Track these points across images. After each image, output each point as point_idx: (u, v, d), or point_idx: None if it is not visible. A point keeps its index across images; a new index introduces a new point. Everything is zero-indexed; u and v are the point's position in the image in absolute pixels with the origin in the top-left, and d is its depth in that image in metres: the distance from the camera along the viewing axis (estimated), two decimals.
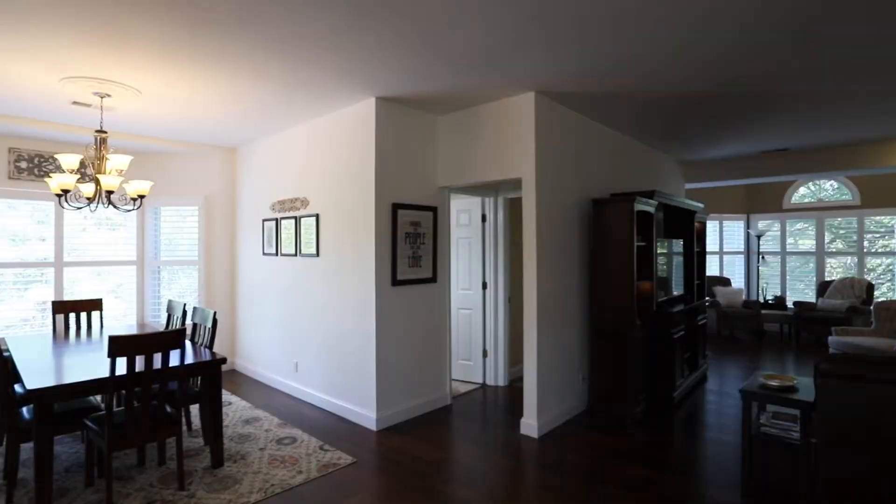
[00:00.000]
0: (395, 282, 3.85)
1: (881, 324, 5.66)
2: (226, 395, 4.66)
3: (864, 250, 8.14)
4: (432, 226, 4.17)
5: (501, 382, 5.05)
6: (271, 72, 3.22)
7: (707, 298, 5.67)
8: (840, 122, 4.89)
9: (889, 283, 7.92)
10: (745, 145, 5.97)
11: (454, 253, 5.14)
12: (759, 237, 8.68)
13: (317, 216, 4.28)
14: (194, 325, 3.82)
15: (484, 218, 5.08)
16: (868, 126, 5.05)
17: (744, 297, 8.17)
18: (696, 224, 5.76)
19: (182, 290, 5.61)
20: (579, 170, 4.36)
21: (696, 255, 5.71)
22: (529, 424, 3.70)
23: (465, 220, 5.18)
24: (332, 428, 3.85)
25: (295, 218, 4.55)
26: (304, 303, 4.48)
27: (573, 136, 4.27)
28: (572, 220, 4.24)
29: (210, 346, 3.44)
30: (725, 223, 8.94)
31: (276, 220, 4.85)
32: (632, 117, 4.52)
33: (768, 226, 8.86)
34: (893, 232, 7.88)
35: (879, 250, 8.05)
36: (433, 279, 4.20)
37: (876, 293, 7.75)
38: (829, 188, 8.38)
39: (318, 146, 4.31)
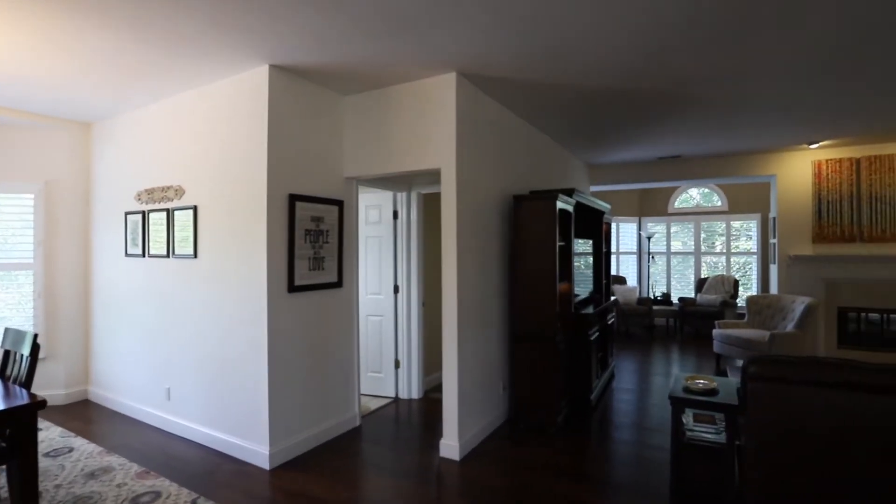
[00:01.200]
0: (293, 287, 3.23)
1: (752, 316, 6.16)
2: (68, 439, 3.60)
3: (731, 250, 9.04)
4: (338, 222, 3.62)
5: (416, 395, 4.62)
6: (129, 18, 2.46)
7: (614, 297, 5.77)
8: (725, 134, 5.20)
9: (748, 279, 8.85)
10: (645, 150, 6.19)
11: (363, 253, 4.61)
12: (649, 238, 9.26)
13: (194, 209, 3.49)
14: (5, 354, 2.83)
15: (396, 215, 4.62)
16: (745, 139, 5.45)
17: (637, 294, 8.63)
18: (604, 224, 5.83)
19: (7, 302, 4.38)
20: (500, 165, 4.08)
21: (604, 255, 5.78)
22: (450, 446, 3.31)
23: (374, 216, 4.67)
24: (213, 470, 3.12)
25: (167, 211, 3.70)
26: (178, 315, 3.65)
27: (495, 129, 3.98)
28: (493, 218, 3.95)
29: (27, 384, 2.53)
30: (621, 225, 9.40)
31: (144, 213, 3.93)
32: (551, 113, 4.36)
33: (656, 228, 9.49)
34: (751, 235, 8.83)
35: (741, 250, 8.99)
36: (338, 283, 3.64)
37: (740, 288, 8.64)
38: (701, 195, 9.18)
39: (196, 123, 3.53)
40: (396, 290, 4.60)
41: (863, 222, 5.87)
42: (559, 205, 3.93)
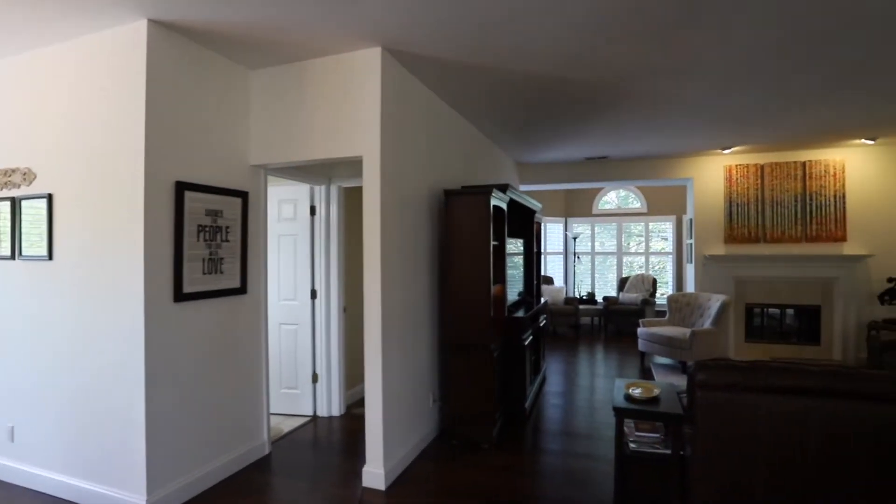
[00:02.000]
0: (181, 296, 2.64)
1: (672, 314, 6.34)
2: None
3: (650, 251, 9.42)
4: (241, 217, 3.07)
5: (336, 411, 4.13)
6: None
7: (545, 299, 5.65)
8: (650, 136, 5.26)
9: (664, 278, 9.27)
10: (573, 150, 6.15)
11: (274, 254, 4.05)
12: (574, 238, 9.39)
13: (49, 198, 2.77)
14: None
15: (313, 210, 4.10)
16: (667, 142, 5.55)
17: (564, 294, 8.69)
18: (535, 224, 5.69)
19: None
20: (429, 156, 3.73)
21: (535, 255, 5.64)
22: (374, 474, 2.89)
23: (288, 212, 4.13)
24: None
25: (11, 200, 2.93)
26: (26, 333, 2.88)
27: (424, 117, 3.62)
28: (421, 215, 3.59)
29: None
30: (548, 225, 9.44)
31: None
32: (482, 103, 4.08)
33: (581, 228, 9.65)
34: (667, 236, 9.26)
35: (659, 250, 9.39)
36: (242, 289, 3.09)
37: (659, 287, 9.01)
38: (619, 198, 9.49)
39: (51, 91, 2.80)
40: (314, 294, 4.09)
41: (766, 224, 6.22)
42: (493, 201, 3.65)
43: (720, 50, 3.03)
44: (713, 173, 6.47)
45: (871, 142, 5.68)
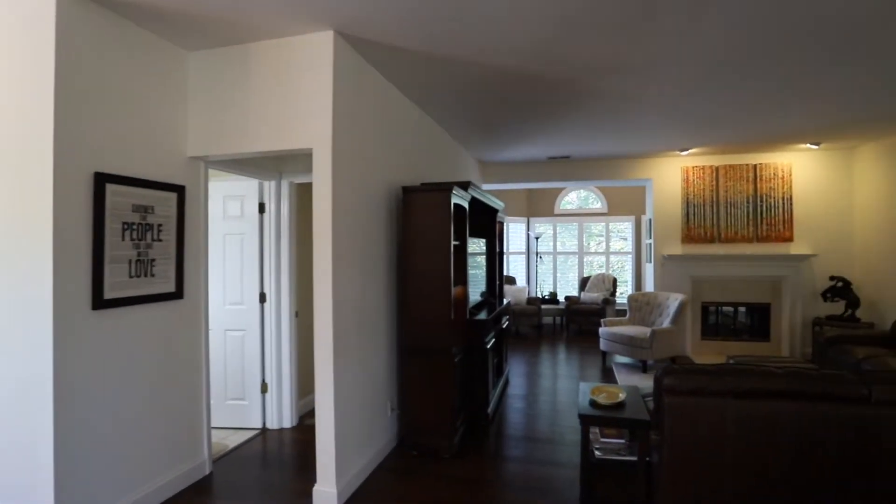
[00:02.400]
0: (102, 302, 2.33)
1: (633, 313, 6.40)
2: None
3: (610, 251, 9.53)
4: (177, 214, 2.77)
5: (288, 423, 3.87)
6: None
7: (508, 299, 5.54)
8: (611, 136, 5.25)
9: (624, 277, 9.41)
10: (536, 149, 6.09)
11: (219, 254, 3.75)
12: (537, 238, 9.38)
13: None
14: None
15: (262, 208, 3.82)
16: (628, 142, 5.57)
17: (526, 294, 8.66)
18: (498, 224, 5.58)
19: None
20: (387, 151, 3.53)
21: (497, 255, 5.53)
22: (326, 493, 2.67)
23: (235, 209, 3.83)
24: None
25: None
26: None
27: (381, 109, 3.42)
28: (378, 212, 3.39)
29: None
30: (510, 225, 9.39)
31: None
32: (443, 97, 3.92)
33: (543, 228, 9.66)
34: (626, 236, 9.40)
35: (619, 250, 9.52)
36: (178, 293, 2.79)
37: (619, 286, 9.12)
38: (580, 198, 9.56)
39: None
40: (263, 298, 3.81)
41: (720, 225, 6.36)
42: (454, 199, 3.50)
43: (681, 50, 3.01)
44: (671, 174, 6.56)
45: (816, 147, 5.89)
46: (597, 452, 2.72)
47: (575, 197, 9.61)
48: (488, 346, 4.11)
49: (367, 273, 3.19)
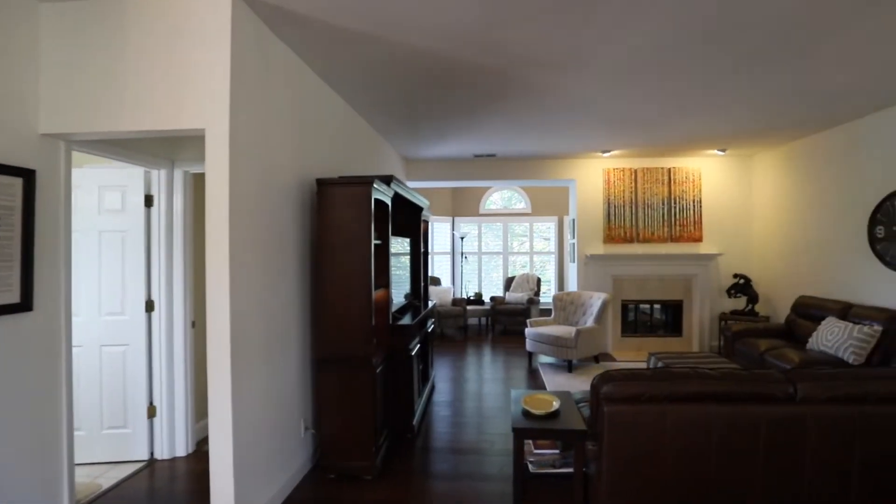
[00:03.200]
0: None
1: (557, 312, 6.43)
2: None
3: (534, 251, 9.64)
4: (21, 205, 2.21)
5: (182, 451, 3.33)
6: None
7: (433, 301, 5.30)
8: (537, 134, 5.20)
9: (547, 277, 9.57)
10: (462, 146, 5.91)
11: (93, 256, 3.15)
12: (462, 238, 9.26)
13: None
14: None
15: (150, 201, 3.26)
16: (553, 141, 5.56)
17: (452, 295, 8.50)
18: (423, 222, 5.32)
19: None
20: (300, 140, 3.14)
21: (422, 255, 5.27)
22: None
23: (114, 201, 3.23)
24: None
25: None
26: None
27: (294, 92, 3.03)
28: (288, 207, 2.99)
29: None
30: (435, 224, 9.19)
31: None
32: (365, 85, 3.59)
33: (469, 228, 9.56)
34: (549, 237, 9.57)
35: (542, 250, 9.66)
36: (23, 305, 2.22)
37: (543, 286, 9.25)
38: (503, 199, 9.61)
39: None
40: (150, 307, 3.25)
41: (639, 225, 6.58)
42: (376, 194, 3.18)
43: (609, 48, 2.96)
44: (594, 176, 6.68)
45: (722, 152, 6.26)
46: (531, 467, 2.54)
47: (499, 197, 9.62)
48: (413, 353, 3.83)
49: (276, 276, 2.79)
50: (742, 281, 6.08)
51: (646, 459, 2.13)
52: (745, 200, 6.52)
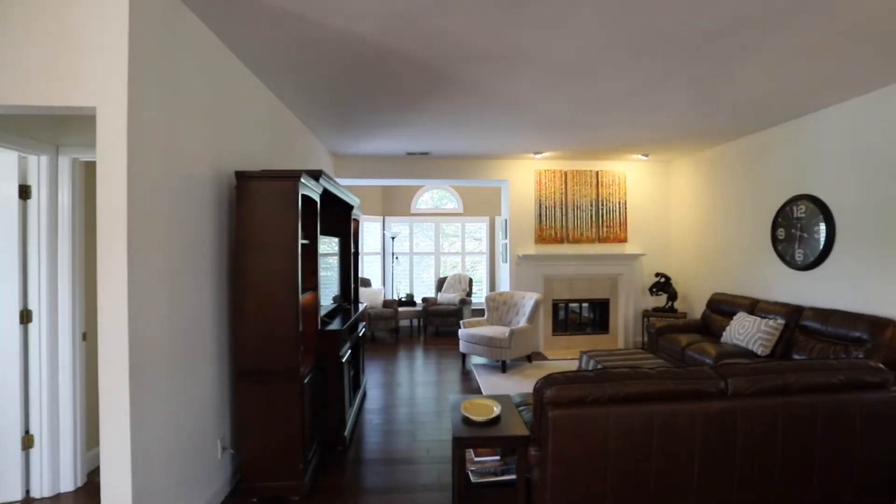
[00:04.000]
0: None
1: (490, 313, 6.44)
2: None
3: (465, 251, 9.64)
4: None
5: (70, 485, 2.86)
6: None
7: (364, 303, 5.07)
8: (471, 133, 5.14)
9: (478, 277, 9.62)
10: (395, 143, 5.72)
11: None
12: (393, 238, 9.04)
13: None
14: None
15: (26, 192, 2.77)
16: (487, 141, 5.54)
17: (383, 297, 8.26)
18: (353, 221, 5.08)
19: None
20: (217, 128, 2.81)
21: (352, 256, 5.02)
22: None
23: None
24: None
25: None
26: None
27: (210, 74, 2.69)
28: (203, 203, 2.66)
29: None
30: (365, 224, 8.90)
31: None
32: (291, 70, 3.29)
33: (400, 228, 9.36)
34: (480, 237, 9.62)
35: (473, 251, 9.68)
36: None
37: (474, 286, 9.27)
38: (434, 199, 9.53)
39: None
40: (27, 317, 2.75)
41: (568, 226, 6.75)
42: (303, 190, 2.93)
43: (546, 46, 2.93)
44: (526, 176, 6.75)
45: (645, 157, 6.58)
46: (472, 476, 2.42)
47: (430, 197, 9.51)
48: (344, 360, 3.60)
49: (187, 280, 2.46)
50: (663, 279, 6.41)
51: (590, 463, 2.08)
52: (665, 203, 6.90)
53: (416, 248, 9.45)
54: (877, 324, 3.54)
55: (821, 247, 4.27)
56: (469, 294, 8.56)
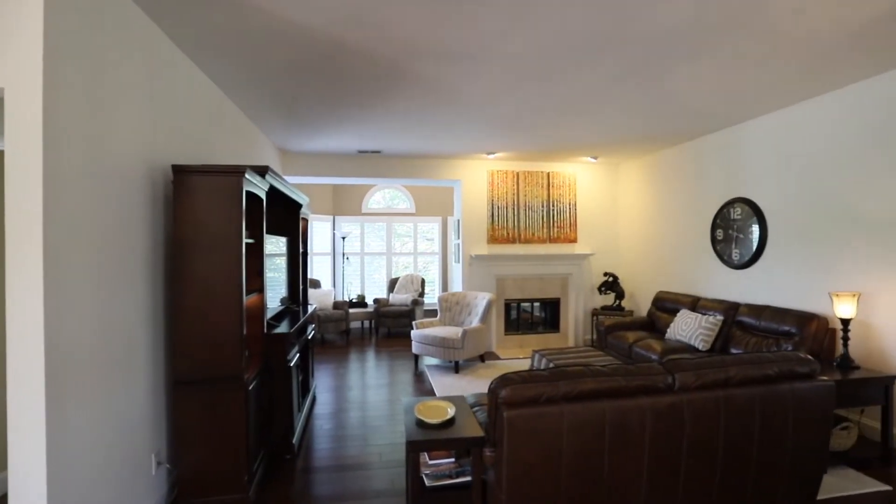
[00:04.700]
0: None
1: (443, 313, 6.41)
2: None
3: (418, 251, 9.58)
4: None
5: None
6: None
7: (314, 305, 4.90)
8: (424, 132, 5.09)
9: (429, 277, 9.59)
10: (346, 140, 5.58)
11: None
12: (343, 238, 8.84)
13: None
14: None
15: None
16: (440, 141, 5.51)
17: (333, 298, 8.05)
18: (302, 220, 4.90)
19: None
20: (152, 119, 2.60)
21: (301, 256, 4.84)
22: None
23: None
24: None
25: None
26: None
27: (143, 60, 2.49)
28: (134, 199, 2.46)
29: None
30: (315, 223, 8.65)
31: None
32: (234, 61, 3.11)
33: (351, 227, 9.17)
34: (432, 237, 9.59)
35: (426, 251, 9.64)
36: None
37: (427, 286, 9.22)
38: (385, 198, 9.43)
39: None
40: None
41: (520, 227, 6.84)
42: (248, 186, 2.77)
43: (500, 44, 2.92)
44: (479, 177, 6.78)
45: (594, 160, 6.77)
46: (427, 480, 2.37)
47: (382, 197, 9.38)
48: (292, 364, 3.45)
49: (117, 282, 2.25)
50: (611, 279, 6.62)
51: (545, 461, 2.08)
52: (613, 204, 7.13)
53: (367, 248, 9.29)
54: (803, 318, 3.79)
55: (754, 247, 4.53)
56: (422, 295, 8.51)
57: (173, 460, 2.75)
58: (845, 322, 3.41)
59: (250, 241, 3.02)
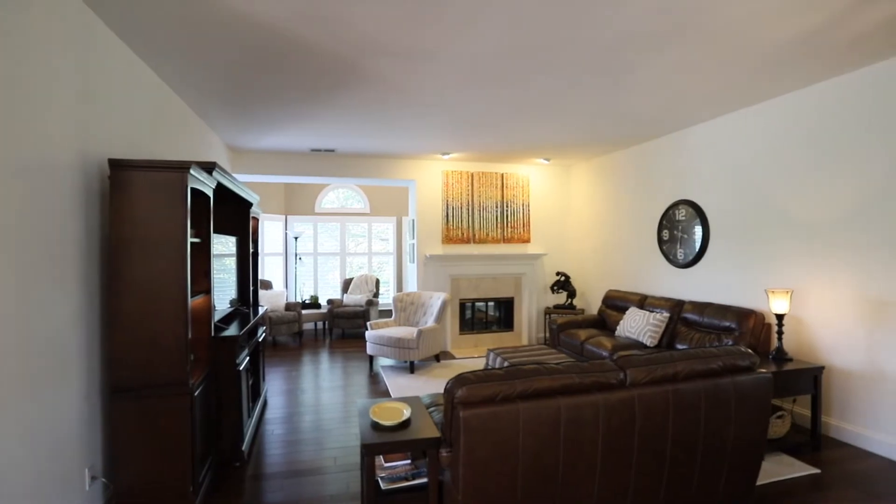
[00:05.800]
0: None
1: (398, 313, 6.37)
2: None
3: (372, 251, 9.47)
4: None
5: None
6: None
7: (265, 307, 4.73)
8: (380, 131, 5.04)
9: (384, 277, 9.50)
10: (299, 138, 5.43)
11: None
12: (296, 238, 8.61)
13: None
14: None
15: None
16: (395, 140, 5.47)
17: (285, 299, 7.82)
18: (252, 219, 4.72)
19: None
20: (86, 110, 2.42)
21: (251, 256, 4.66)
22: None
23: None
24: None
25: None
26: None
27: (76, 49, 2.31)
28: (65, 197, 2.28)
29: None
30: (266, 223, 8.37)
31: None
32: (178, 51, 2.95)
33: (303, 227, 8.94)
34: (387, 238, 9.52)
35: (381, 251, 9.55)
36: None
37: (381, 286, 9.12)
38: (339, 198, 9.27)
39: None
40: None
41: (475, 227, 6.89)
42: (193, 183, 2.63)
43: (453, 47, 2.94)
44: (433, 177, 6.77)
45: (547, 161, 6.92)
46: (383, 483, 2.33)
47: (335, 196, 9.20)
48: (241, 367, 3.32)
49: (46, 286, 2.08)
50: (563, 278, 6.78)
51: (501, 460, 2.09)
52: (565, 205, 7.31)
53: (320, 248, 9.09)
54: (742, 314, 4.02)
55: (697, 247, 4.77)
56: (376, 295, 8.41)
57: (110, 474, 2.57)
58: (780, 317, 3.64)
59: (196, 240, 2.88)
